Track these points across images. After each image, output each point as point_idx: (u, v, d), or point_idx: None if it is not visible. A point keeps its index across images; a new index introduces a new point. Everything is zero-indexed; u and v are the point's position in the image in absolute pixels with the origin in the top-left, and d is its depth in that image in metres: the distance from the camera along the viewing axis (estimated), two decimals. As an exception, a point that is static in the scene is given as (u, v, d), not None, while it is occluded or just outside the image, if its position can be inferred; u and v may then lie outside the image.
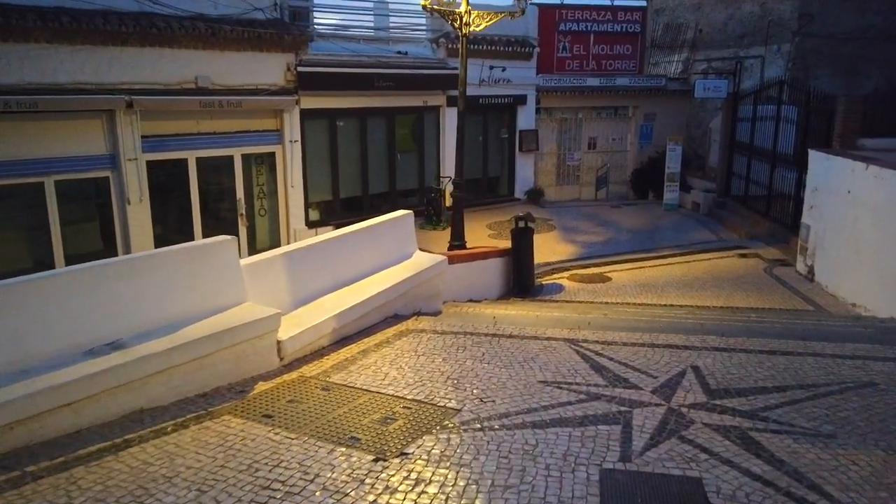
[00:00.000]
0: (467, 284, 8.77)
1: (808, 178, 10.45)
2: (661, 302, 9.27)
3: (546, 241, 13.95)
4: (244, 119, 13.35)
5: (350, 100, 14.79)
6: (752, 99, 14.87)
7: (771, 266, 11.22)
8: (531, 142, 18.27)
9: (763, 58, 16.54)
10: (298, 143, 14.06)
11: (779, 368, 5.02)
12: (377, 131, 15.79)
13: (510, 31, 17.25)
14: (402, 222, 7.25)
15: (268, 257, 5.41)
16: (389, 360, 5.13)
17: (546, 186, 18.95)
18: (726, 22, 18.35)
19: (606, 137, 19.62)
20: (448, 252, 8.85)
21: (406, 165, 16.40)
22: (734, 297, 9.50)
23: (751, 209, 14.57)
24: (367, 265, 6.54)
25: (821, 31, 15.18)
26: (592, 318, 7.07)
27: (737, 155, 15.77)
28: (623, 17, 19.07)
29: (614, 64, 19.32)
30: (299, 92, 13.73)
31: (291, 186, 14.09)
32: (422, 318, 6.37)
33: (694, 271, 11.07)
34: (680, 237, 14.08)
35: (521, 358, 5.19)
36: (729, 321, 7.20)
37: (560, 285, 10.37)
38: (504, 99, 17.58)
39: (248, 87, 12.96)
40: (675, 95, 19.52)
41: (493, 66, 16.98)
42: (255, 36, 12.72)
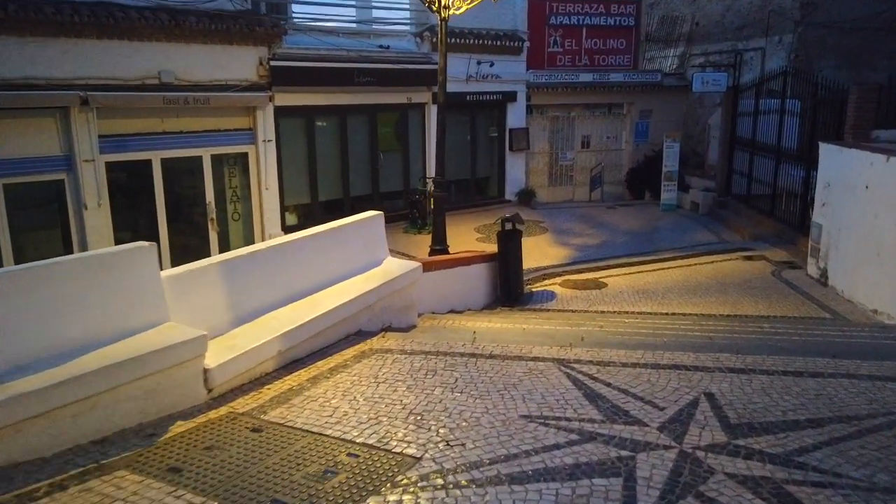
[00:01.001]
0: (448, 293, 7.92)
1: (818, 173, 9.64)
2: (663, 310, 8.44)
3: (537, 244, 13.13)
4: (214, 117, 12.49)
5: (329, 96, 13.96)
6: (753, 92, 14.09)
7: (779, 269, 10.41)
8: (522, 140, 17.46)
9: (763, 50, 15.77)
10: (273, 143, 13.20)
11: (809, 395, 4.18)
12: (358, 130, 14.95)
13: (498, 24, 16.47)
14: (369, 225, 6.40)
15: (198, 267, 4.55)
16: (343, 389, 4.27)
17: (538, 187, 18.14)
18: (724, 13, 17.59)
19: (600, 136, 18.83)
20: (427, 258, 8.00)
21: (390, 166, 15.57)
22: (742, 303, 8.67)
23: (754, 208, 13.78)
24: (327, 274, 5.68)
25: (824, 20, 14.42)
26: (586, 331, 6.23)
27: (738, 152, 14.98)
28: (616, 9, 18.30)
29: (608, 59, 18.55)
30: (273, 88, 12.87)
31: (266, 189, 13.22)
32: (390, 335, 5.52)
33: (696, 275, 10.25)
34: (679, 239, 13.26)
35: (501, 384, 4.35)
36: (741, 333, 6.37)
37: (552, 292, 9.53)
38: (493, 96, 16.77)
39: (216, 83, 12.10)
40: (671, 91, 18.75)
41: (480, 61, 16.18)
42: (223, 28, 11.86)
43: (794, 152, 12.09)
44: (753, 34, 16.29)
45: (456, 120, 16.77)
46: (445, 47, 9.43)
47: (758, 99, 13.81)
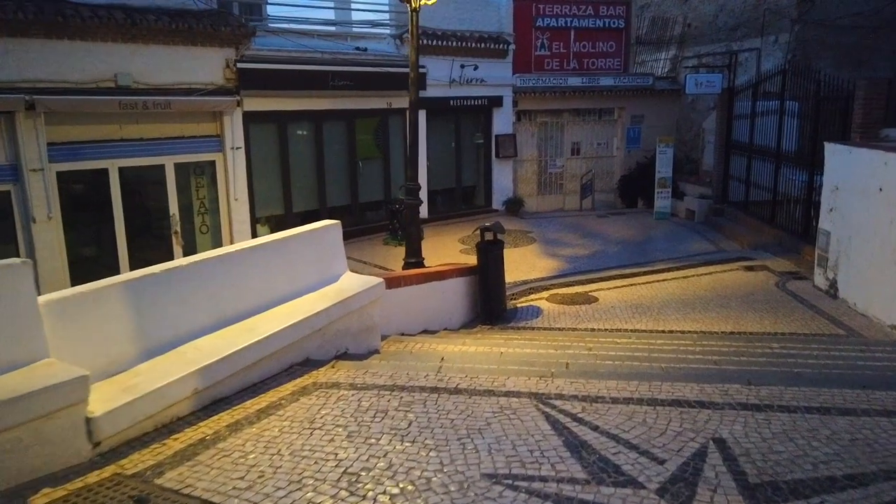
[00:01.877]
0: (421, 311, 7.12)
1: (825, 176, 8.91)
2: (659, 327, 7.65)
3: (524, 255, 12.35)
4: (177, 123, 11.70)
5: (302, 101, 13.18)
6: (749, 93, 13.40)
7: (783, 280, 9.65)
8: (509, 147, 16.72)
9: (759, 50, 15.11)
10: (242, 151, 12.41)
11: (843, 439, 3.39)
12: (335, 137, 14.18)
13: (482, 26, 15.79)
14: (323, 235, 5.60)
15: (91, 290, 3.73)
16: (267, 439, 3.45)
17: (526, 196, 17.39)
18: (717, 14, 16.95)
19: (591, 142, 18.11)
20: (394, 272, 7.18)
21: (369, 175, 14.79)
22: (745, 319, 7.89)
23: (753, 216, 13.04)
24: (269, 293, 4.87)
25: (822, 18, 13.77)
26: (572, 355, 5.43)
27: (734, 156, 14.28)
28: (605, 11, 17.63)
29: (597, 62, 17.86)
30: (242, 92, 12.10)
31: (235, 199, 12.42)
32: (343, 365, 4.70)
33: (694, 288, 9.47)
34: (675, 249, 12.50)
35: (464, 429, 3.54)
36: (748, 356, 5.58)
37: (538, 308, 8.73)
38: (478, 101, 16.04)
39: (179, 87, 11.32)
40: (663, 95, 18.07)
41: (464, 65, 15.47)
42: (185, 27, 11.10)
43: (796, 155, 11.37)
44: (748, 34, 15.64)
45: (439, 126, 16.05)
46: (417, 41, 8.68)
47: (755, 100, 13.12)
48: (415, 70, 8.55)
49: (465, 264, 8.49)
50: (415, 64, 8.57)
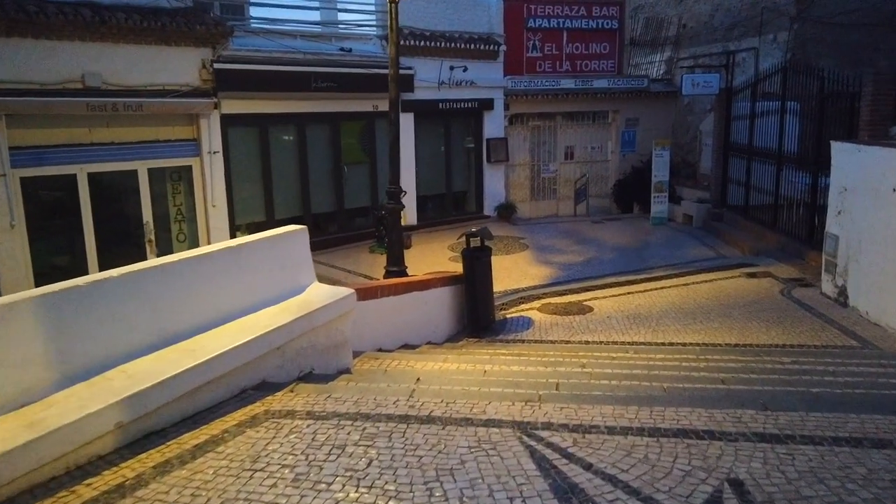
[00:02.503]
0: (401, 324, 6.57)
1: (832, 177, 8.41)
2: (658, 339, 7.12)
3: (516, 263, 11.82)
4: (151, 126, 11.17)
5: (284, 103, 12.67)
6: (748, 93, 12.93)
7: (788, 287, 9.13)
8: (500, 151, 16.22)
9: (757, 50, 14.67)
10: (220, 155, 11.88)
11: (882, 480, 2.85)
12: (319, 140, 13.66)
13: (472, 26, 15.32)
14: (287, 242, 5.06)
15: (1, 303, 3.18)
16: (196, 485, 2.89)
17: (519, 201, 16.88)
18: (713, 13, 16.52)
19: (585, 146, 17.63)
20: (371, 283, 6.63)
21: (355, 180, 14.26)
22: (750, 329, 7.36)
23: (754, 220, 12.54)
24: (222, 307, 4.32)
25: (822, 16, 13.33)
26: (564, 373, 4.89)
27: (733, 158, 13.79)
28: (598, 12, 17.20)
29: (591, 64, 17.41)
30: (219, 94, 11.58)
31: (213, 206, 11.87)
32: (303, 388, 4.14)
33: (694, 296, 8.95)
34: (673, 255, 11.99)
35: (433, 470, 2.99)
36: (759, 372, 5.04)
37: (528, 319, 8.19)
38: (468, 103, 15.55)
39: (152, 88, 10.79)
40: (658, 98, 17.63)
41: (453, 66, 14.97)
42: (158, 26, 10.58)
43: (798, 156, 10.89)
44: (745, 33, 15.20)
45: (428, 130, 15.55)
46: (397, 35, 8.15)
47: (754, 100, 12.65)
48: (394, 66, 8.03)
49: (450, 273, 7.94)
50: (394, 59, 8.05)
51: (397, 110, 8.20)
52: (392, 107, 8.10)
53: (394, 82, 7.96)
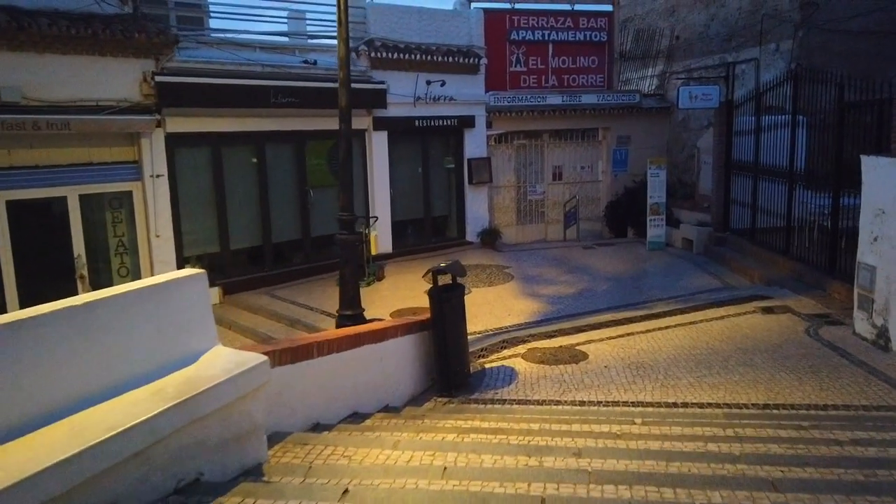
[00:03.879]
0: (348, 387, 5.21)
1: (863, 197, 7.20)
2: (669, 397, 5.80)
3: (500, 296, 10.51)
4: (83, 147, 9.86)
5: (241, 121, 11.39)
6: (752, 106, 11.79)
7: (813, 325, 7.86)
8: (483, 172, 15.00)
9: (757, 60, 13.60)
10: (165, 179, 10.56)
11: None
12: (281, 162, 12.37)
13: (450, 39, 14.17)
14: (171, 294, 3.71)
15: None
16: None
17: (504, 226, 15.63)
18: (708, 23, 15.49)
19: (574, 165, 16.45)
20: (307, 337, 5.25)
21: (323, 205, 12.92)
22: (779, 383, 6.07)
23: (762, 245, 11.32)
24: (53, 396, 2.96)
25: (829, 23, 12.28)
26: (553, 473, 3.54)
27: (736, 177, 12.62)
28: (586, 23, 16.15)
29: (578, 78, 16.31)
30: (163, 110, 10.30)
31: (156, 236, 10.52)
32: (168, 516, 2.78)
33: (706, 338, 7.65)
34: (675, 285, 10.73)
35: None
36: (814, 461, 3.72)
37: (511, 370, 6.85)
38: (447, 120, 14.35)
39: (83, 104, 9.50)
40: (651, 114, 16.53)
41: (430, 81, 13.79)
42: (89, 34, 9.32)
43: (814, 173, 9.71)
44: (744, 44, 14.14)
45: (404, 149, 14.32)
46: (346, 30, 6.92)
47: (759, 113, 11.50)
48: (344, 68, 6.83)
49: (414, 317, 6.60)
50: (344, 60, 6.86)
51: (348, 121, 6.97)
52: (343, 118, 6.85)
53: (344, 87, 6.74)
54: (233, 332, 10.01)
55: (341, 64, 6.84)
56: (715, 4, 15.17)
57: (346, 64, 6.82)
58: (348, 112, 6.84)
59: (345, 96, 6.72)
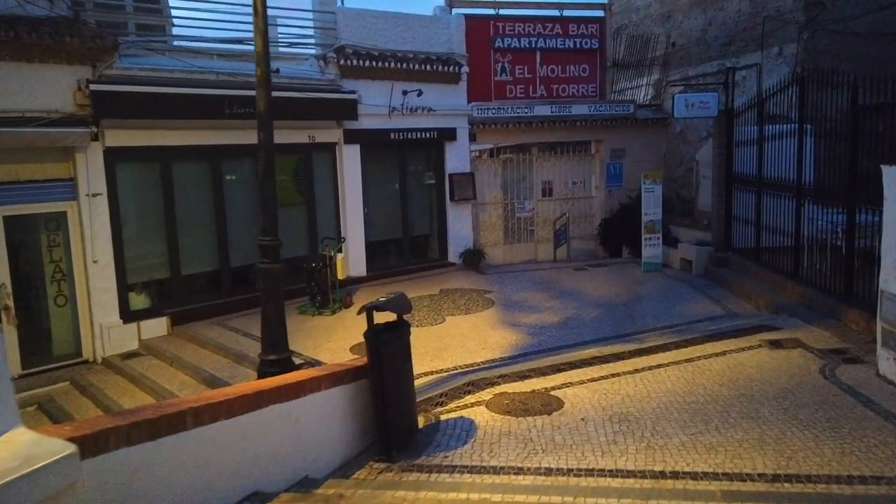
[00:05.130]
0: (249, 460, 4.12)
1: (885, 214, 6.14)
2: (655, 465, 4.70)
3: (476, 326, 9.42)
4: (8, 163, 8.87)
5: (192, 133, 10.41)
6: (754, 114, 10.76)
7: (828, 363, 6.75)
8: (466, 188, 13.97)
9: (759, 66, 12.59)
10: (104, 198, 9.57)
11: None
12: (240, 178, 11.37)
13: (428, 46, 13.23)
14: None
15: None
16: None
17: (491, 245, 14.57)
18: (705, 28, 14.51)
19: (565, 180, 15.42)
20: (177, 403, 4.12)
21: (288, 225, 11.86)
22: (790, 442, 4.96)
23: (768, 267, 10.23)
24: None
25: (838, 22, 11.27)
26: None
27: (738, 192, 11.57)
28: (576, 30, 15.17)
29: (569, 88, 15.31)
30: (101, 122, 9.33)
31: (94, 261, 9.50)
32: None
33: (704, 380, 6.54)
34: (671, 312, 9.64)
35: None
36: None
37: (471, 423, 5.75)
38: (426, 133, 13.36)
39: (7, 115, 8.52)
40: (647, 125, 15.51)
41: (406, 91, 12.81)
42: (11, 38, 8.35)
43: (823, 187, 8.65)
44: (745, 49, 13.15)
45: (379, 164, 13.33)
46: (264, 21, 5.88)
47: (761, 121, 10.47)
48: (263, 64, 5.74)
49: (346, 363, 5.49)
50: (262, 55, 5.77)
51: (269, 130, 5.90)
52: (262, 125, 5.79)
53: (264, 86, 5.70)
54: (174, 368, 8.96)
55: (258, 60, 5.79)
56: (713, 8, 14.20)
57: (264, 59, 5.75)
58: (268, 118, 5.79)
59: (263, 99, 5.67)
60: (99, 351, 9.62)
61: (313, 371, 4.94)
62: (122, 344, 9.74)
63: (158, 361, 9.27)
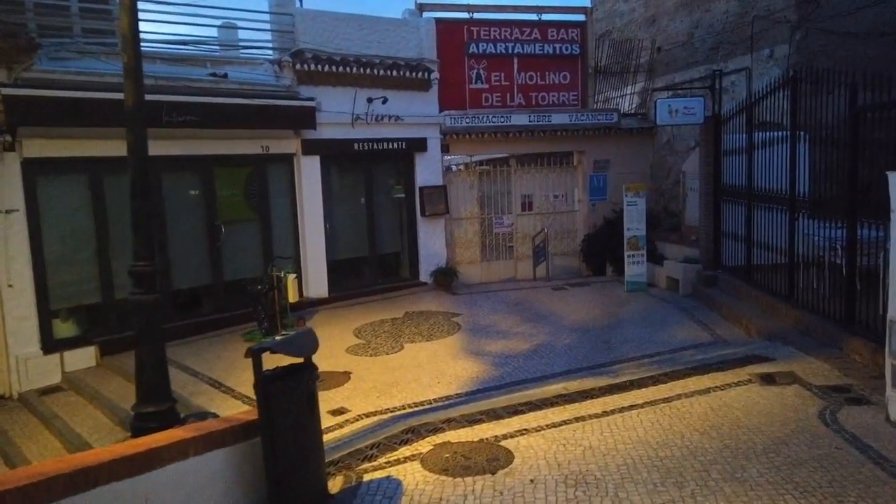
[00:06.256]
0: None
1: (893, 227, 5.18)
2: (613, 550, 3.70)
3: (435, 355, 8.45)
4: None
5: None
6: (743, 119, 9.86)
7: (829, 405, 5.78)
8: (437, 202, 13.04)
9: (749, 70, 11.72)
10: (22, 215, 8.61)
11: None
12: (183, 192, 10.43)
13: (396, 50, 12.36)
14: None
15: None
16: None
17: (467, 263, 13.62)
18: (691, 31, 13.67)
19: (545, 194, 14.51)
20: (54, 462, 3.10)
21: (239, 243, 10.95)
22: (784, 514, 3.97)
23: (760, 288, 9.28)
24: None
25: (833, 18, 10.41)
26: None
27: (727, 205, 10.65)
28: (556, 35, 14.33)
29: (548, 96, 14.44)
30: (18, 130, 8.40)
31: (9, 286, 8.51)
32: None
33: (682, 427, 5.55)
34: (653, 338, 8.67)
35: None
36: None
37: (397, 486, 4.76)
38: (393, 143, 12.45)
39: None
40: (632, 135, 14.63)
41: (371, 98, 11.92)
42: None
43: (820, 199, 7.73)
44: (733, 52, 12.28)
45: (342, 177, 12.43)
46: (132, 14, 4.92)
47: (750, 127, 9.57)
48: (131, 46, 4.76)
49: (230, 420, 4.46)
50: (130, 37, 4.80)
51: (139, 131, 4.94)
52: (131, 124, 4.84)
53: (130, 79, 4.72)
54: (93, 406, 7.96)
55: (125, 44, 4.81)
56: (699, 10, 13.35)
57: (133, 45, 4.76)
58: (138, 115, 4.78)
59: (132, 93, 4.68)
60: (15, 385, 8.61)
61: (177, 432, 3.94)
62: (42, 377, 8.74)
63: (77, 398, 8.27)
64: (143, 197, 4.79)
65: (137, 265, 4.87)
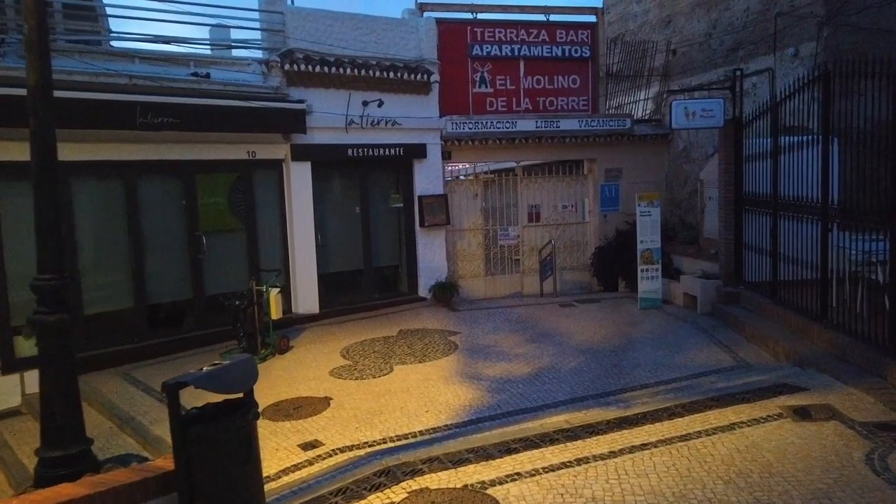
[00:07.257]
0: None
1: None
2: None
3: (427, 379, 7.65)
4: None
5: (100, 147, 8.84)
6: (767, 122, 9.03)
7: (878, 447, 4.91)
8: (438, 212, 12.28)
9: (772, 71, 10.89)
10: (-19, 222, 7.96)
11: None
12: (161, 200, 9.73)
13: (394, 51, 11.68)
14: None
15: None
16: None
17: (470, 277, 12.83)
18: (709, 32, 12.87)
19: (554, 204, 13.71)
20: None
21: (223, 255, 10.24)
22: None
23: (788, 306, 8.40)
24: None
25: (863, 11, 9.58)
26: None
27: (749, 215, 9.79)
28: (565, 37, 13.60)
29: (557, 101, 13.68)
30: (-23, 132, 7.77)
31: (-36, 300, 7.84)
32: None
33: (702, 474, 4.70)
34: (669, 362, 7.82)
35: None
36: None
37: (358, 547, 3.96)
38: (390, 150, 11.73)
39: None
40: (646, 142, 13.83)
41: (367, 101, 11.23)
42: None
43: (855, 208, 6.87)
44: (754, 52, 11.46)
45: (336, 185, 11.71)
46: None
47: (776, 130, 8.74)
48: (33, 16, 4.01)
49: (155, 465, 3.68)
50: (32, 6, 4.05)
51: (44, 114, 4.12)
52: (32, 107, 4.07)
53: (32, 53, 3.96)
54: (47, 433, 7.19)
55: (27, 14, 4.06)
56: (718, 8, 12.55)
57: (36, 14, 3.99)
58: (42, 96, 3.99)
59: (34, 70, 3.93)
60: (-29, 408, 7.93)
61: (67, 489, 3.16)
62: (0, 399, 8.05)
63: (35, 424, 7.53)
64: (47, 193, 4.02)
65: (41, 278, 4.12)
